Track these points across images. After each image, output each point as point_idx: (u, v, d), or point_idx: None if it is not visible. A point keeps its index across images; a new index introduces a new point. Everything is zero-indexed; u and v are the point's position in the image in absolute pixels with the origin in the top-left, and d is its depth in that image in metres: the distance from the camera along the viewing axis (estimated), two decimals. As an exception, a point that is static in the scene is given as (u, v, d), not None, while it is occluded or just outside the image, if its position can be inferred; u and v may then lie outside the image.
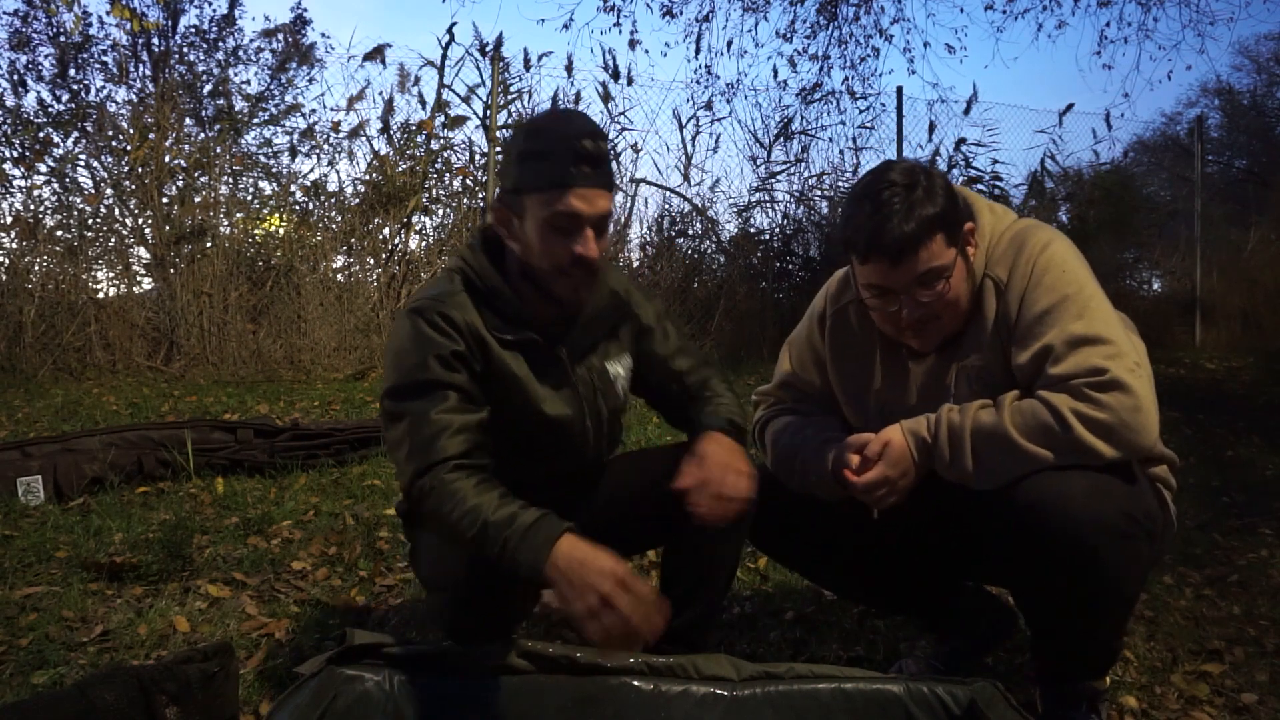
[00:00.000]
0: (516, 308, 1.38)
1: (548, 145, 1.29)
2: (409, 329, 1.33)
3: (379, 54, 6.63)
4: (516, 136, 1.37)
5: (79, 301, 5.72)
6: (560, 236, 1.31)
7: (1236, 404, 5.04)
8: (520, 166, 1.32)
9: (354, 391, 4.94)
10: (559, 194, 1.28)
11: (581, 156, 1.28)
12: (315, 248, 6.25)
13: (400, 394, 1.30)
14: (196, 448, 3.04)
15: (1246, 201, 10.74)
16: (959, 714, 1.30)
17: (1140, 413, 1.27)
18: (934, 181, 1.36)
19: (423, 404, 1.28)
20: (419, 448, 1.26)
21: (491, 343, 1.36)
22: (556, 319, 1.42)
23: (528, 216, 1.32)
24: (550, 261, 1.32)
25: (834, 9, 8.20)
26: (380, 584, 2.13)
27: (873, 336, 1.52)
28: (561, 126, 1.31)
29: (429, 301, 1.34)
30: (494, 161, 6.30)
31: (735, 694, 1.32)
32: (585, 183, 1.29)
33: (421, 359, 1.30)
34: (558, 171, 1.28)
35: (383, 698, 1.28)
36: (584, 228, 1.31)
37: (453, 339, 1.32)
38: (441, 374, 1.29)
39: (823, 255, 7.36)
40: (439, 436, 1.26)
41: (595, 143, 1.30)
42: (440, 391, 1.29)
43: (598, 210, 1.31)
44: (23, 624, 1.82)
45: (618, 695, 1.31)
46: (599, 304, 1.46)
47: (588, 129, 1.30)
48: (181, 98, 6.60)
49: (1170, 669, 1.75)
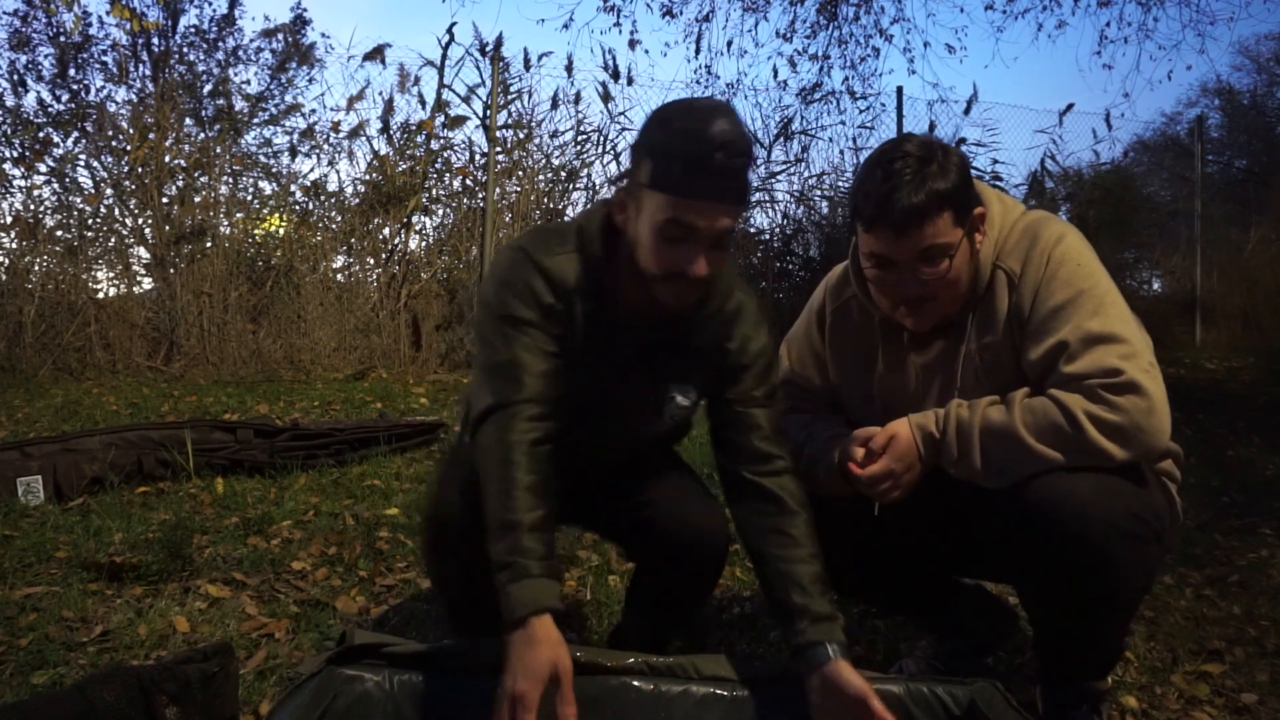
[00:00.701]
0: (610, 291, 1.32)
1: (677, 145, 1.17)
2: (519, 262, 1.30)
3: (379, 54, 6.64)
4: (651, 122, 1.24)
5: (79, 301, 5.72)
6: (670, 244, 1.21)
7: (1236, 404, 5.04)
8: (644, 158, 1.21)
9: (354, 391, 4.93)
10: (677, 202, 1.18)
11: (710, 168, 1.16)
12: (315, 248, 6.25)
13: (496, 320, 1.29)
14: (196, 448, 3.04)
15: (1246, 201, 10.73)
16: (959, 714, 1.30)
17: (1154, 415, 1.26)
18: (949, 158, 1.33)
19: (514, 334, 1.27)
20: (500, 375, 1.26)
21: (576, 309, 1.32)
22: (650, 312, 1.33)
23: (644, 214, 1.23)
24: (654, 266, 1.24)
25: (834, 9, 8.20)
26: (380, 584, 2.13)
27: (874, 330, 1.51)
28: (698, 126, 1.17)
29: (542, 247, 1.31)
30: (494, 161, 6.30)
31: (735, 694, 1.32)
32: (707, 196, 1.18)
33: (522, 294, 1.28)
34: (680, 178, 1.17)
35: (383, 698, 1.28)
36: (697, 243, 1.20)
37: (552, 289, 1.29)
38: (535, 317, 1.28)
39: (823, 255, 7.36)
40: (521, 373, 1.25)
41: (729, 157, 1.16)
42: (532, 331, 1.28)
43: (716, 228, 1.20)
44: (23, 624, 1.82)
45: (618, 695, 1.31)
46: (700, 321, 1.36)
47: (726, 138, 1.15)
48: (181, 98, 6.61)
49: (1170, 669, 1.75)
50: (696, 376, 1.41)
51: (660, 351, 1.37)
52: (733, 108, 1.21)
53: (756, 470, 1.36)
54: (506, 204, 6.56)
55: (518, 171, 6.70)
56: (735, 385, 1.39)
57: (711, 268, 1.22)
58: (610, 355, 1.35)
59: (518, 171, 6.70)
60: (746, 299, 1.40)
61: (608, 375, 1.36)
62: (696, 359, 1.39)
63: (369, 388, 5.11)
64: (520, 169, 6.72)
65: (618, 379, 1.37)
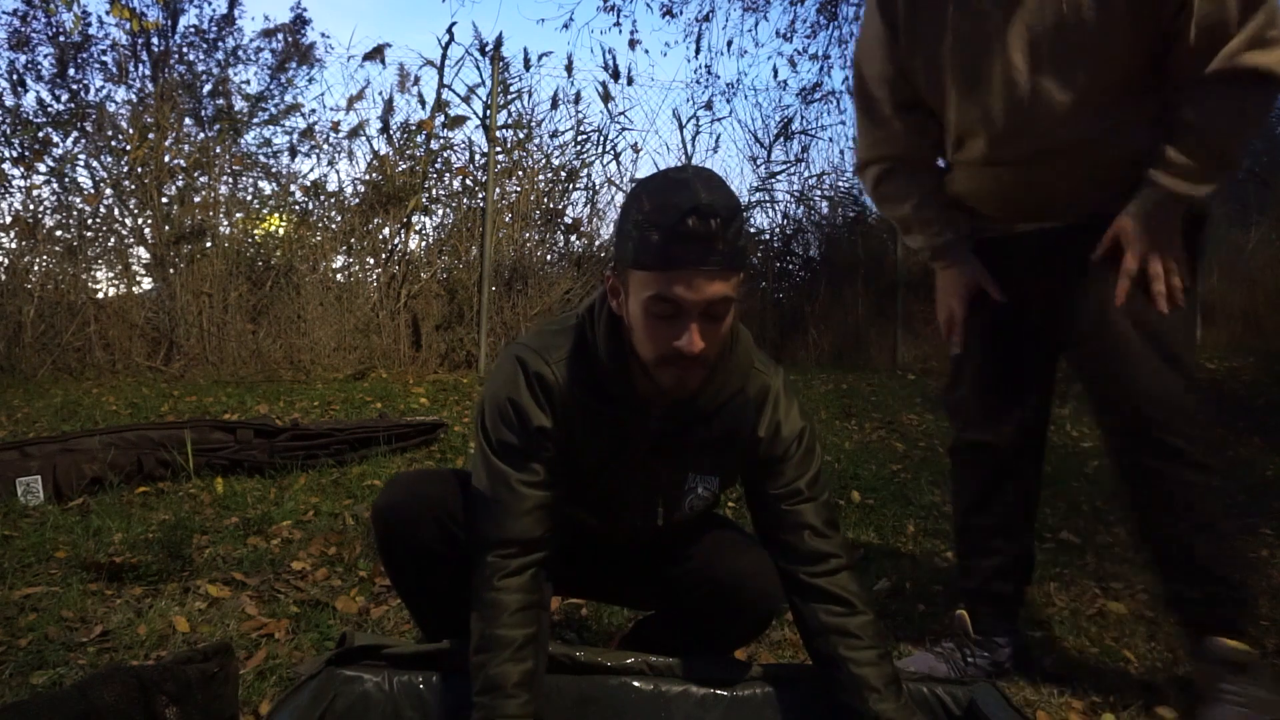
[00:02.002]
0: (621, 381, 1.26)
1: (651, 218, 1.11)
2: (512, 379, 1.27)
3: (379, 54, 6.63)
4: (628, 200, 1.18)
5: (79, 301, 5.72)
6: (660, 323, 1.14)
7: (1236, 404, 5.04)
8: (625, 236, 1.15)
9: (354, 391, 4.93)
10: (658, 276, 1.11)
11: (684, 235, 1.08)
12: (315, 248, 6.25)
13: (486, 449, 1.28)
14: (196, 448, 3.04)
15: (1246, 201, 10.72)
16: (959, 714, 1.30)
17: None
18: None
19: (502, 470, 1.26)
20: (495, 512, 1.25)
21: (576, 412, 1.27)
22: (663, 399, 1.26)
23: (632, 296, 1.16)
24: (649, 350, 1.17)
25: (834, 8, 8.21)
26: (380, 584, 2.13)
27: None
28: (670, 195, 1.10)
29: (540, 354, 1.27)
30: (494, 161, 6.30)
31: (735, 694, 1.32)
32: (686, 264, 1.09)
33: (510, 421, 1.26)
34: (657, 250, 1.10)
35: (382, 698, 1.28)
36: (687, 317, 1.12)
37: (549, 402, 1.26)
38: (524, 445, 1.26)
39: (823, 255, 7.36)
40: (504, 515, 1.25)
41: (704, 220, 1.08)
42: (521, 461, 1.26)
43: (705, 297, 1.11)
44: (22, 624, 1.82)
45: (618, 695, 1.31)
46: (716, 399, 1.28)
47: (699, 202, 1.08)
48: (181, 98, 6.59)
49: (1171, 669, 1.75)
50: (719, 465, 1.34)
51: (678, 440, 1.30)
52: (711, 172, 1.15)
53: (813, 572, 1.30)
54: (506, 204, 6.56)
55: (518, 171, 6.70)
56: (776, 479, 1.32)
57: (707, 341, 1.14)
58: (626, 446, 1.30)
59: (518, 171, 6.70)
60: (771, 377, 1.33)
61: (624, 466, 1.31)
62: (719, 447, 1.32)
63: (369, 388, 5.11)
64: (520, 169, 6.72)
65: (634, 470, 1.32)
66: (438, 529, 1.34)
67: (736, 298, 1.15)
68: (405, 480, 1.41)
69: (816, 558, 1.29)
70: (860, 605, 1.28)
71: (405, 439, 3.52)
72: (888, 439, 4.17)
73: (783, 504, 1.31)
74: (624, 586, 1.54)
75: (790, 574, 1.32)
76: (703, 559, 1.40)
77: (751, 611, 1.40)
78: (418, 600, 1.47)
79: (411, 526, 1.35)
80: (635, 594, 1.57)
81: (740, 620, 1.41)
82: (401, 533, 1.36)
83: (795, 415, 1.33)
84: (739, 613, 1.39)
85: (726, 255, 1.11)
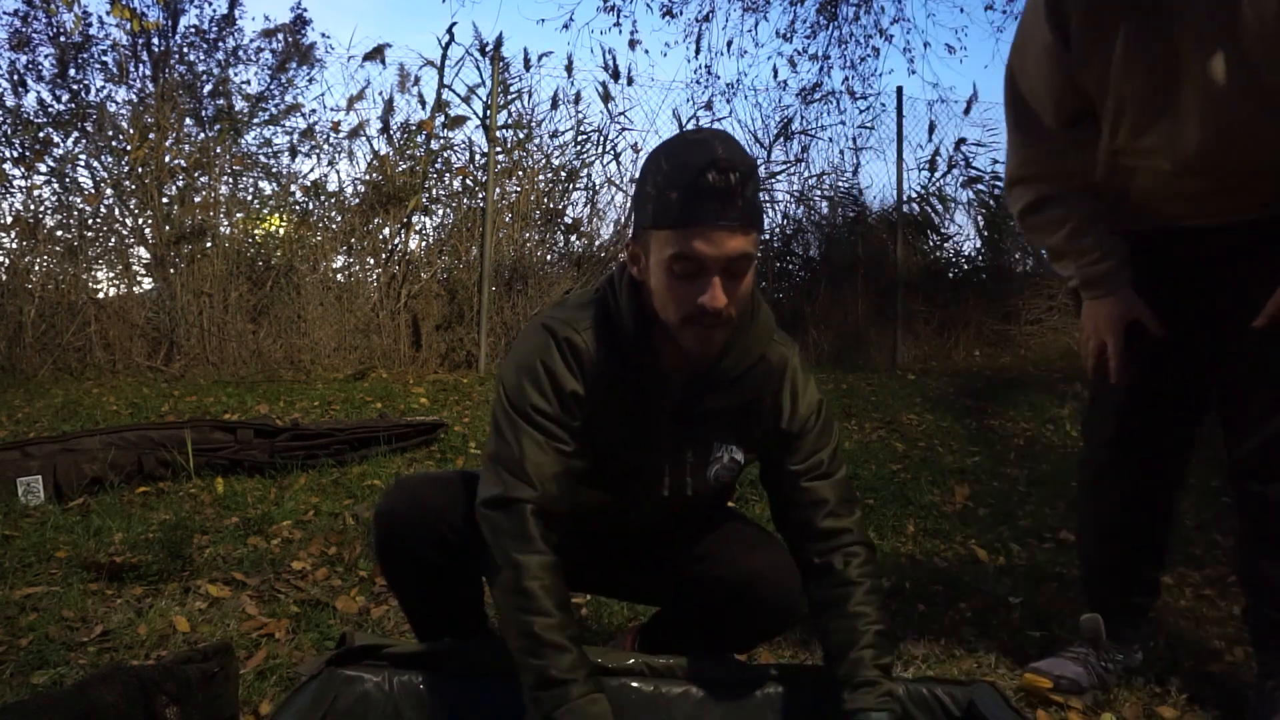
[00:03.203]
0: (646, 350, 1.26)
1: (670, 177, 1.13)
2: (542, 345, 1.26)
3: (379, 54, 6.63)
4: (646, 164, 1.20)
5: (79, 301, 5.72)
6: (682, 282, 1.15)
7: None
8: (644, 198, 1.17)
9: (354, 391, 4.93)
10: (678, 234, 1.13)
11: (703, 190, 1.10)
12: (315, 248, 6.25)
13: (513, 411, 1.25)
14: (196, 448, 3.04)
15: None
16: (958, 715, 1.30)
17: None
18: None
19: (528, 431, 1.23)
20: (509, 470, 1.22)
21: (603, 381, 1.26)
22: (688, 366, 1.27)
23: (653, 258, 1.17)
24: (672, 310, 1.17)
25: (834, 9, 8.22)
26: (380, 584, 2.13)
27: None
28: (688, 154, 1.13)
29: (568, 322, 1.26)
30: (494, 161, 6.30)
31: (735, 695, 1.32)
32: (706, 220, 1.11)
33: (541, 383, 1.24)
34: (676, 208, 1.12)
35: (383, 699, 1.29)
36: (709, 273, 1.13)
37: (580, 367, 1.25)
38: (554, 410, 1.24)
39: (823, 255, 7.36)
40: (531, 473, 1.22)
41: (723, 175, 1.10)
42: (548, 425, 1.24)
43: (725, 252, 1.12)
44: (23, 624, 1.82)
45: (618, 695, 1.31)
46: (739, 366, 1.28)
47: (716, 157, 1.10)
48: (181, 98, 6.59)
49: (1170, 669, 1.75)
50: (742, 435, 1.34)
51: (701, 407, 1.30)
52: (726, 132, 1.17)
53: (823, 548, 1.31)
54: (506, 204, 6.56)
55: (518, 171, 6.70)
56: (794, 454, 1.32)
57: (730, 298, 1.15)
58: (650, 415, 1.29)
59: (518, 171, 6.70)
60: (789, 351, 1.34)
61: (648, 436, 1.31)
62: (741, 416, 1.32)
63: (369, 388, 5.11)
64: (520, 169, 6.72)
65: (660, 439, 1.31)
66: (436, 541, 1.33)
67: (756, 256, 1.16)
68: (410, 486, 1.40)
69: (830, 535, 1.30)
70: (870, 585, 1.28)
71: (405, 439, 3.52)
72: (888, 439, 4.17)
73: (802, 480, 1.32)
74: (635, 579, 1.52)
75: (805, 553, 1.32)
76: (719, 555, 1.39)
77: (771, 609, 1.39)
78: (414, 606, 1.46)
79: (410, 537, 1.34)
80: (646, 588, 1.55)
81: (759, 618, 1.40)
82: (400, 542, 1.35)
83: (813, 389, 1.34)
84: (757, 611, 1.39)
85: (746, 212, 1.13)
